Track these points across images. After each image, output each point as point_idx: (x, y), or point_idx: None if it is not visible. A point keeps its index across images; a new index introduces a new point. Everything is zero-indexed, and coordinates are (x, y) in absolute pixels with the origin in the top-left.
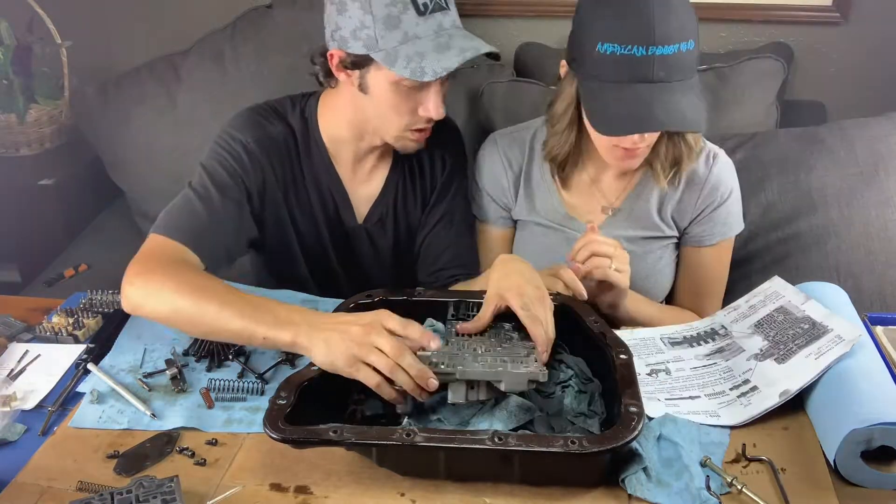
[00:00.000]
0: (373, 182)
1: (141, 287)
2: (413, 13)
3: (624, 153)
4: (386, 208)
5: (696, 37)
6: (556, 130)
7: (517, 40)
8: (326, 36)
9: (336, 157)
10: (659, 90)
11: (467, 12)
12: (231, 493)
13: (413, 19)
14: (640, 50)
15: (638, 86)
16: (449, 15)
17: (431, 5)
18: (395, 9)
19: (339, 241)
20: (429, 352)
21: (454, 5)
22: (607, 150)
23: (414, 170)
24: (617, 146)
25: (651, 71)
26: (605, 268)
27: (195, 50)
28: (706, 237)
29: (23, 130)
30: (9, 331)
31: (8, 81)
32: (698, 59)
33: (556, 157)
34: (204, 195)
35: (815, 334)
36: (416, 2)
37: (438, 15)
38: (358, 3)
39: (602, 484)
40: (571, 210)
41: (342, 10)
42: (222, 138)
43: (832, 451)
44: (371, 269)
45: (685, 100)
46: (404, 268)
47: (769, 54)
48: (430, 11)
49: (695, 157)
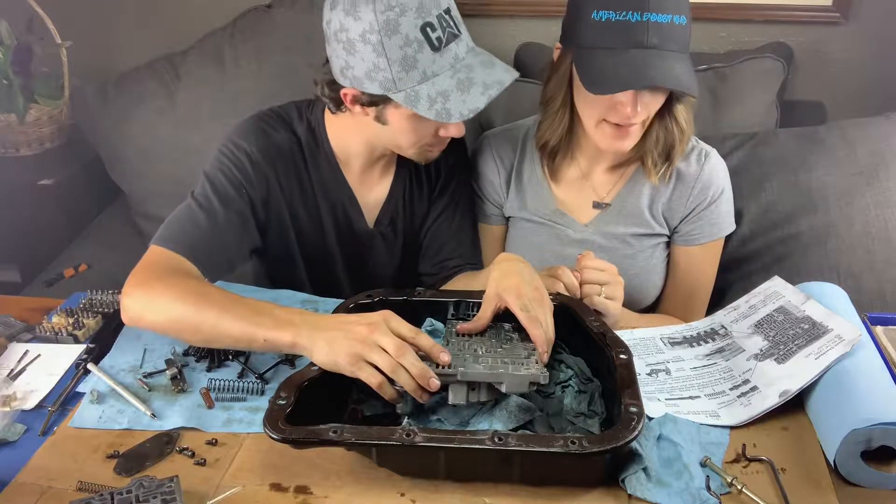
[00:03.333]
0: (381, 186)
1: (140, 298)
2: (429, 51)
3: (615, 132)
4: (396, 210)
5: (688, 15)
6: (549, 112)
7: (517, 40)
8: (334, 71)
9: (345, 165)
10: (652, 55)
11: (467, 12)
12: (231, 493)
13: (429, 57)
14: (634, 16)
15: (632, 51)
16: (462, 41)
17: (445, 37)
18: (411, 49)
19: (348, 246)
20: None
21: (464, 26)
22: (598, 130)
23: (420, 168)
24: (608, 122)
25: (645, 36)
26: (594, 295)
27: (195, 50)
28: (696, 237)
29: (23, 130)
30: (9, 331)
31: (8, 81)
32: (689, 39)
33: (548, 143)
34: (206, 206)
35: (815, 334)
36: (431, 38)
37: (453, 45)
38: (370, 47)
39: (602, 484)
40: (562, 205)
41: (351, 50)
42: (226, 147)
43: (832, 451)
44: (377, 272)
45: (679, 66)
46: (411, 269)
47: (769, 54)
48: (444, 45)
49: (687, 142)
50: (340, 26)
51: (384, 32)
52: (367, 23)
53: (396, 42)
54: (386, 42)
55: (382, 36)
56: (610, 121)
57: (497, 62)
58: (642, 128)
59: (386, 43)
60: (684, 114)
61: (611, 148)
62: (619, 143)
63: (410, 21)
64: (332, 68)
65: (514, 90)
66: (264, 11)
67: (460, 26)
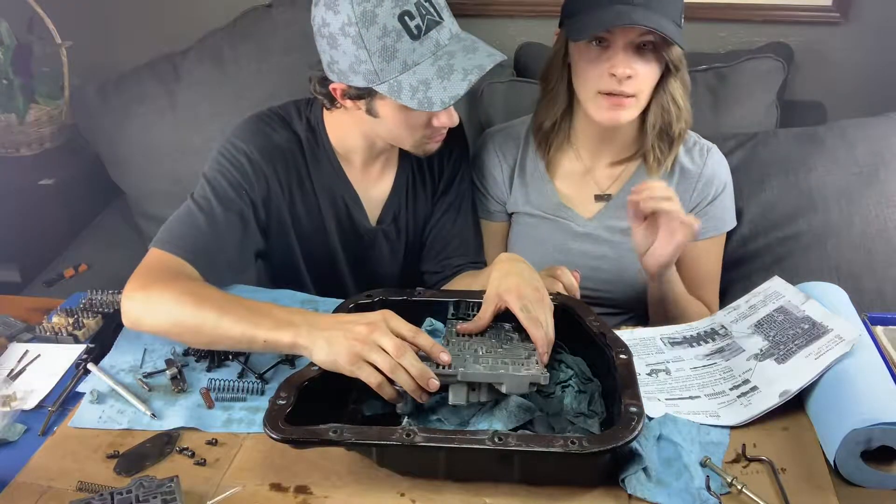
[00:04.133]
0: (383, 182)
1: (140, 302)
2: (408, 39)
3: (610, 102)
4: (399, 207)
5: None
6: (546, 90)
7: (517, 40)
8: (324, 65)
9: (346, 162)
10: (637, 9)
11: (467, 12)
12: (231, 493)
13: (409, 46)
14: None
15: (618, 5)
16: (444, 27)
17: (424, 25)
18: (389, 39)
19: (351, 245)
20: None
21: (448, 12)
22: (594, 103)
23: (422, 165)
24: (602, 94)
25: None
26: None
27: (195, 50)
28: (702, 231)
29: (23, 130)
30: (9, 331)
31: (8, 81)
32: (680, 9)
33: (544, 125)
34: (206, 208)
35: (815, 334)
36: (409, 26)
37: (433, 33)
38: (350, 39)
39: (602, 484)
40: (565, 199)
41: (334, 44)
42: (225, 148)
43: (832, 451)
44: (380, 271)
45: (664, 21)
46: (413, 267)
47: (769, 54)
48: (424, 33)
49: (685, 124)
50: (323, 21)
51: (362, 24)
52: (346, 15)
53: (374, 33)
54: (364, 33)
55: (360, 27)
56: (604, 91)
57: (480, 46)
58: (638, 103)
59: (364, 34)
60: (681, 91)
61: (607, 119)
62: (615, 114)
63: (387, 11)
64: (323, 64)
65: (514, 90)
66: (264, 11)
67: (442, 12)
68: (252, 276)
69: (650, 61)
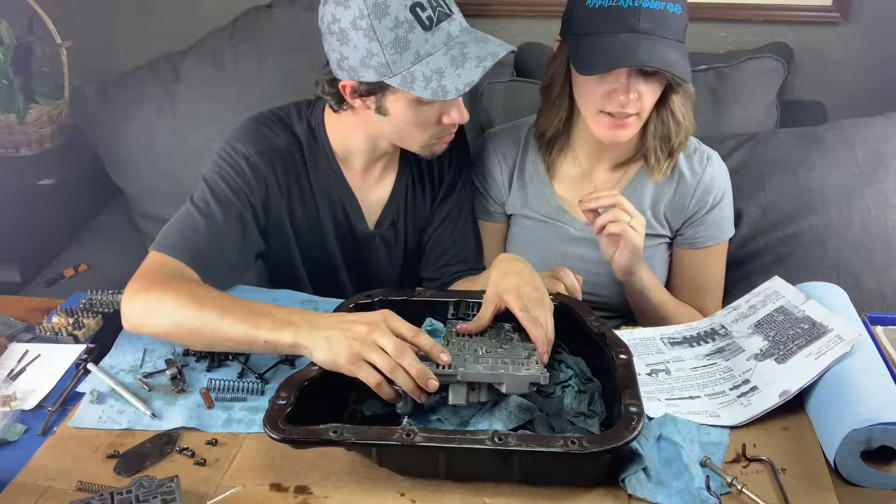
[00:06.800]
0: (382, 186)
1: (141, 304)
2: (420, 30)
3: (612, 122)
4: (397, 211)
5: (684, 6)
6: (548, 100)
7: (517, 40)
8: (332, 65)
9: (346, 165)
10: (644, 39)
11: (468, 12)
12: (231, 493)
13: (421, 36)
14: (626, 1)
15: (623, 34)
16: (455, 20)
17: (436, 16)
18: (402, 30)
19: (349, 248)
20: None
21: (457, 7)
22: (596, 121)
23: (422, 169)
24: (605, 113)
25: (637, 21)
26: (625, 223)
27: (195, 50)
28: (700, 240)
29: (23, 130)
30: (9, 331)
31: (8, 81)
32: (685, 29)
33: (545, 133)
34: (205, 211)
35: (815, 334)
36: (421, 18)
37: (445, 24)
38: (361, 32)
39: (602, 484)
40: (564, 203)
41: (344, 40)
42: (225, 150)
43: (832, 451)
44: (378, 274)
45: (670, 52)
46: (411, 271)
47: (769, 54)
48: (435, 24)
49: (685, 136)
50: (332, 18)
51: (373, 16)
52: (357, 9)
53: (386, 24)
54: (376, 25)
55: (372, 20)
56: (606, 111)
57: (491, 38)
58: (640, 120)
59: (376, 26)
60: (681, 106)
61: (608, 138)
62: (616, 133)
63: (399, 2)
64: (331, 64)
65: (514, 90)
66: (264, 11)
67: (452, 7)
68: (252, 277)
69: (652, 82)
